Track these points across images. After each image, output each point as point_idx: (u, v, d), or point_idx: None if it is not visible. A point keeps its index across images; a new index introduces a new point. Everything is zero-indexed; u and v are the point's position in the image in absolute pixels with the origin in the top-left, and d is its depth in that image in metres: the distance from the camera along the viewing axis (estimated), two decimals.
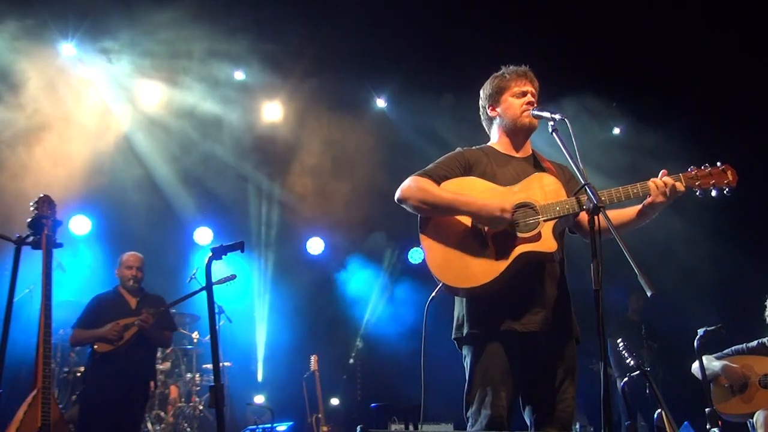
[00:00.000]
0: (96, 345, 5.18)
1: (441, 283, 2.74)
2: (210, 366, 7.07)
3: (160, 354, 6.33)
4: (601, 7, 6.90)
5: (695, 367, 4.58)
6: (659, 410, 4.17)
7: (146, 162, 7.70)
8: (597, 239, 2.33)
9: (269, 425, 6.69)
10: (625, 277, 2.67)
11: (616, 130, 8.62)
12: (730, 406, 4.61)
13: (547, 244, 2.64)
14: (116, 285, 5.57)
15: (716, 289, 7.64)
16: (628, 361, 4.36)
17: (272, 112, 8.20)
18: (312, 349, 7.50)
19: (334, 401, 8.41)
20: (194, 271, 6.48)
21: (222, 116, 7.79)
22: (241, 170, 8.23)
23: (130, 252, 5.59)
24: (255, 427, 6.89)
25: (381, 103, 8.49)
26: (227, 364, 7.17)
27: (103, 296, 5.49)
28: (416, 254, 8.92)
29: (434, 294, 2.89)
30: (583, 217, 2.74)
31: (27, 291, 6.19)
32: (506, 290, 2.65)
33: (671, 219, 7.24)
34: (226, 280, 5.70)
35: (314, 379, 7.05)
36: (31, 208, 3.53)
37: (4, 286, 3.31)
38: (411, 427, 6.38)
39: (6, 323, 3.13)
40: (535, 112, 2.81)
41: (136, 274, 5.48)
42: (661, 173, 2.69)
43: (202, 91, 7.55)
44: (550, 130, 2.68)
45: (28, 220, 3.50)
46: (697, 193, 2.70)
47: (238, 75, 7.76)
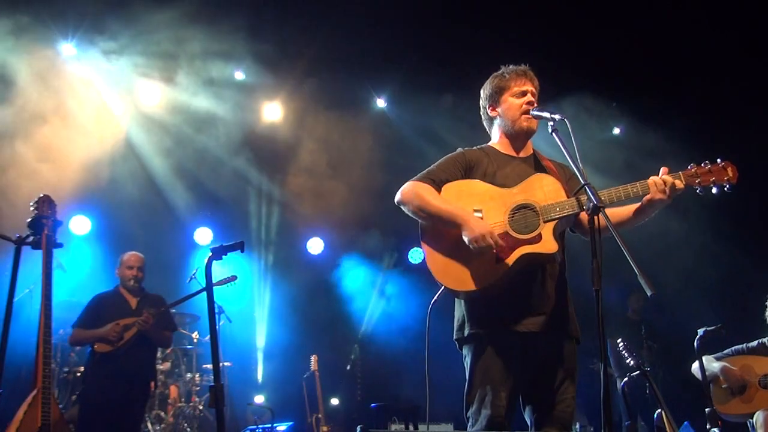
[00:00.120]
0: (96, 345, 5.18)
1: (443, 287, 2.75)
2: (210, 366, 7.06)
3: (160, 354, 6.32)
4: (601, 7, 6.89)
5: (695, 367, 4.58)
6: (659, 410, 4.17)
7: (146, 162, 7.69)
8: (597, 239, 2.33)
9: (269, 425, 6.69)
10: (625, 277, 2.67)
11: (616, 130, 8.61)
12: (730, 407, 4.61)
13: (548, 245, 2.64)
14: (117, 285, 5.57)
15: (716, 289, 7.63)
16: (628, 361, 4.35)
17: (272, 112, 8.19)
18: (312, 349, 7.50)
19: (334, 401, 8.40)
20: (194, 272, 6.46)
21: (221, 116, 7.76)
22: (241, 170, 8.22)
23: (131, 252, 5.59)
24: (255, 427, 6.89)
25: (381, 103, 8.48)
26: (227, 364, 7.16)
27: (104, 296, 5.49)
28: (416, 254, 8.91)
29: (436, 297, 2.89)
30: (584, 217, 2.74)
31: (27, 291, 6.18)
32: (507, 291, 2.66)
33: (671, 219, 7.23)
34: (226, 282, 5.66)
35: (314, 379, 7.05)
36: (31, 208, 3.52)
37: (4, 286, 3.31)
38: (411, 427, 6.38)
39: (6, 323, 3.14)
40: (535, 113, 2.81)
41: (136, 274, 5.48)
42: (661, 170, 2.69)
43: (201, 91, 7.53)
44: (549, 130, 2.68)
45: (28, 220, 3.50)
46: (698, 190, 2.70)
47: (238, 75, 7.75)
